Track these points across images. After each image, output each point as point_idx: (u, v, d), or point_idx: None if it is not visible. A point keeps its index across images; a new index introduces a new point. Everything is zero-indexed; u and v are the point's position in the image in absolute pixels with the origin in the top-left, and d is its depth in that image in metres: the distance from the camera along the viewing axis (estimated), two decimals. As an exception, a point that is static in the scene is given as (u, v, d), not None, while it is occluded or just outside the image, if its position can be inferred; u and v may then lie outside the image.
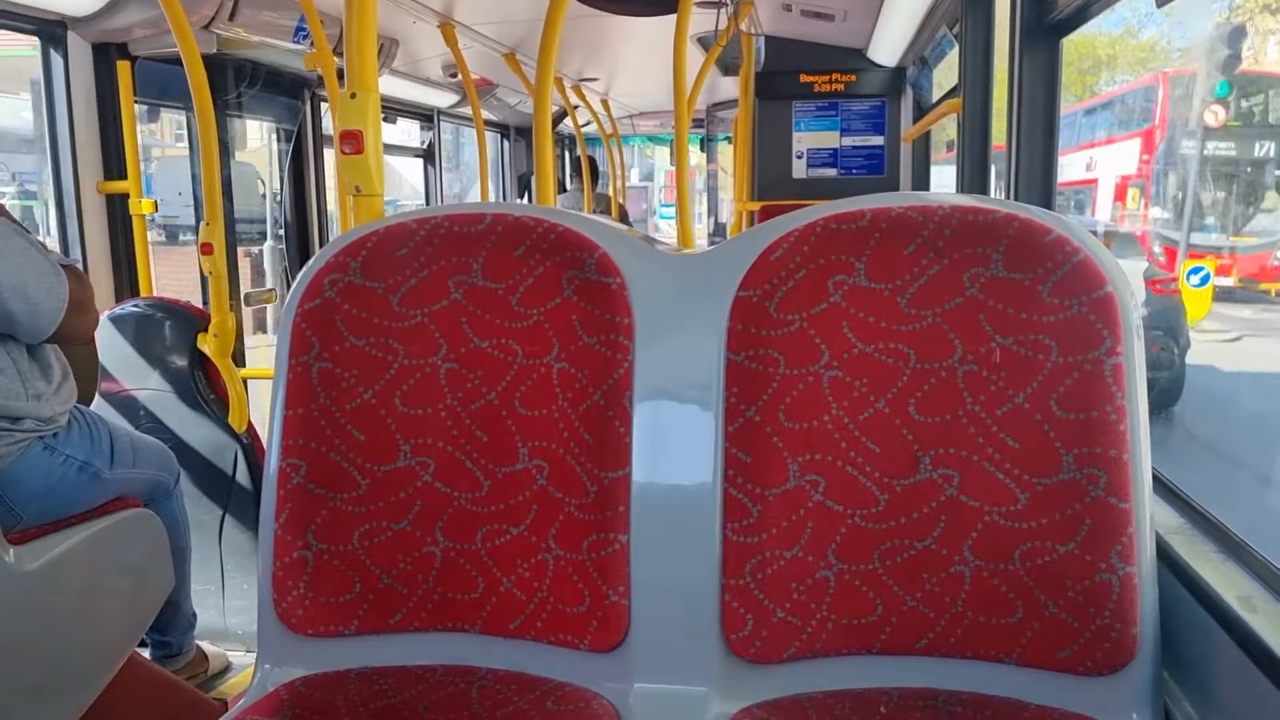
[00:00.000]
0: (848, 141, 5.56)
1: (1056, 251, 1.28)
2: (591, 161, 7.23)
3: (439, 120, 6.09)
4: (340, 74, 1.95)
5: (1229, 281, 9.73)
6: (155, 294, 3.19)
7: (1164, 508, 1.48)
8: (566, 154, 9.37)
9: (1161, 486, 1.51)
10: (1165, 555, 1.31)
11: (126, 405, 2.89)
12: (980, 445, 1.30)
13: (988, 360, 1.30)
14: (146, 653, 2.56)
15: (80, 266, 3.00)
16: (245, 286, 4.32)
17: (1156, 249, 10.22)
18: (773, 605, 1.32)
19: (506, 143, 7.67)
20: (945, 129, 4.38)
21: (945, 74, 4.28)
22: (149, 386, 2.92)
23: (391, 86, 4.98)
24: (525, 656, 1.41)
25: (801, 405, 1.34)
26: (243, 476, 2.92)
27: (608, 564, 1.35)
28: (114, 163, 3.21)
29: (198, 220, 3.08)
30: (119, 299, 3.21)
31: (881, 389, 1.33)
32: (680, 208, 3.20)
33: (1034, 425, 1.28)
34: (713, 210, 9.18)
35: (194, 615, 2.66)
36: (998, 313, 1.30)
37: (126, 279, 3.28)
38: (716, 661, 1.33)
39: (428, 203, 6.33)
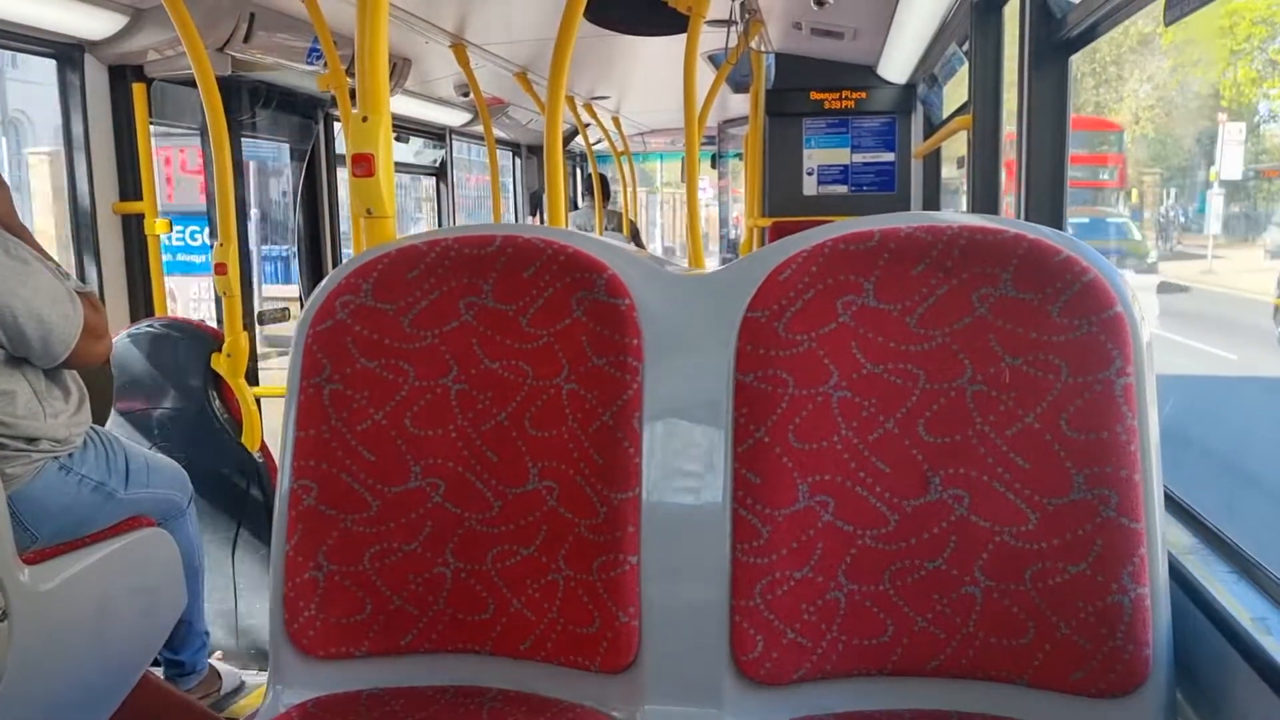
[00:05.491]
0: (858, 158, 5.56)
1: (1066, 271, 1.27)
2: (603, 179, 7.25)
3: (451, 139, 6.12)
4: (353, 94, 1.97)
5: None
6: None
7: (1176, 527, 1.47)
8: (578, 171, 9.41)
9: (1174, 506, 1.50)
10: (1178, 576, 1.30)
11: (141, 424, 2.91)
12: (990, 465, 1.30)
13: (997, 380, 1.30)
14: (160, 671, 2.57)
15: (95, 290, 3.03)
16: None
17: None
18: (783, 626, 1.32)
19: (518, 160, 7.71)
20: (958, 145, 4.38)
21: (955, 91, 4.28)
22: (164, 406, 2.94)
23: (404, 106, 5.01)
24: (535, 678, 1.41)
25: (811, 426, 1.34)
26: (256, 495, 2.94)
27: (617, 585, 1.35)
28: (129, 183, 3.24)
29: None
30: (134, 319, 3.24)
31: (891, 409, 1.33)
32: (691, 227, 3.20)
33: (1044, 445, 1.27)
34: (724, 230, 9.15)
35: (207, 634, 2.67)
36: (1007, 333, 1.29)
37: (142, 298, 3.31)
38: (726, 683, 1.33)
39: (439, 223, 6.35)
